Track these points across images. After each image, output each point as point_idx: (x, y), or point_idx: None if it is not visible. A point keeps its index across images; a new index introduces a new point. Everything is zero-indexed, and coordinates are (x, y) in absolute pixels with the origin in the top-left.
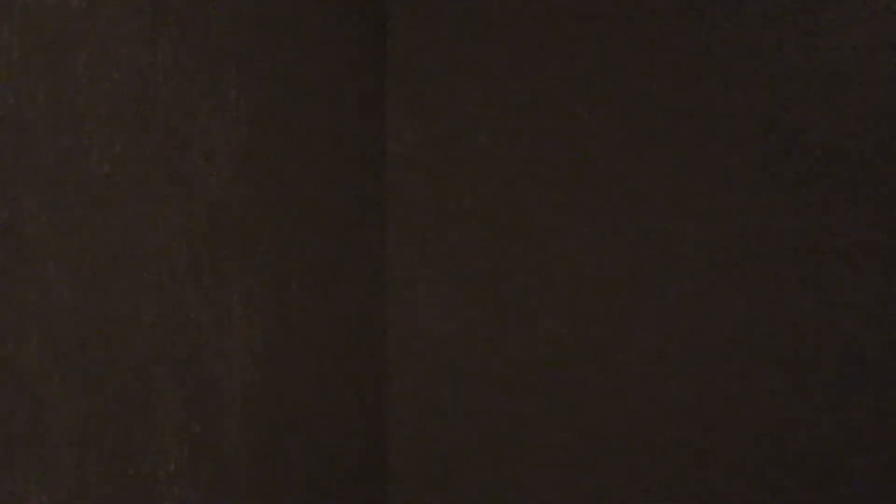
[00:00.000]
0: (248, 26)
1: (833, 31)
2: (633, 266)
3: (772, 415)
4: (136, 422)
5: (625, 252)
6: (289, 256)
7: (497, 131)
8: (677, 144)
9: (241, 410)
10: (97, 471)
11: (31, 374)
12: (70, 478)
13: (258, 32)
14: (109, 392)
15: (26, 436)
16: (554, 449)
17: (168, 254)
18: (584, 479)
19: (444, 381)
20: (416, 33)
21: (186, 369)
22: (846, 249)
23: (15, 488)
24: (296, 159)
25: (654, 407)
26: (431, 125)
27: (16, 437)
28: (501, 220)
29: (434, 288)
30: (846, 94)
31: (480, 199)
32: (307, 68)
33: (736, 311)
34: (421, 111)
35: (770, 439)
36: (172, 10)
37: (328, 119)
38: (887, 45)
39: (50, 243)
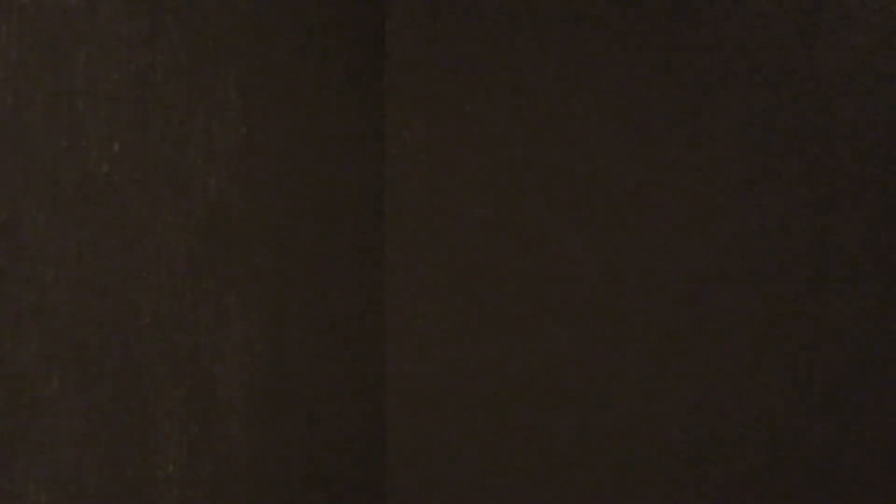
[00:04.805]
0: (247, 26)
1: (833, 31)
2: (632, 266)
3: (771, 415)
4: (134, 422)
5: (624, 252)
6: (288, 256)
7: (497, 131)
8: (677, 144)
9: (241, 410)
10: (96, 471)
11: (30, 374)
12: (69, 478)
13: (257, 32)
14: (108, 392)
15: (25, 436)
16: (553, 450)
17: (167, 253)
18: (583, 479)
19: (443, 381)
20: (416, 33)
21: (185, 369)
22: (846, 249)
23: (14, 488)
24: (295, 159)
25: (654, 408)
26: (431, 125)
27: (15, 437)
28: (501, 220)
29: (433, 288)
30: (846, 94)
31: (480, 200)
32: (306, 68)
33: (735, 311)
34: (421, 111)
35: (770, 440)
36: (171, 11)
37: (327, 119)
38: (887, 45)
39: (49, 243)
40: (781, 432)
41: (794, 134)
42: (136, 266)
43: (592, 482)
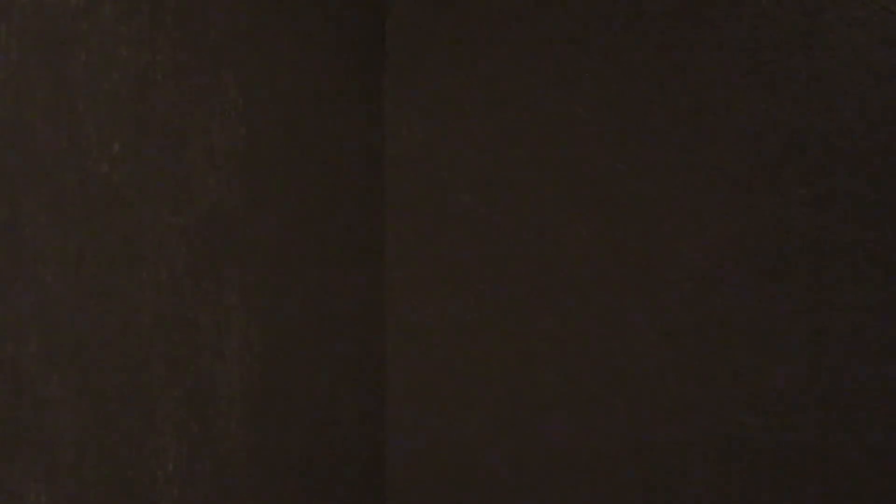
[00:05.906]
0: (247, 26)
1: (833, 31)
2: (632, 265)
3: (771, 414)
4: (134, 422)
5: (624, 251)
6: (288, 256)
7: (497, 131)
8: (677, 144)
9: (240, 410)
10: (96, 470)
11: (30, 374)
12: (69, 478)
13: (257, 32)
14: (108, 392)
15: (26, 436)
16: (554, 449)
17: (167, 253)
18: (582, 478)
19: (443, 380)
20: (416, 33)
21: (185, 369)
22: (846, 249)
23: (14, 487)
24: (295, 159)
25: (653, 406)
26: (431, 125)
27: (15, 437)
28: (501, 219)
29: (434, 287)
30: (846, 94)
31: (480, 199)
32: (306, 68)
33: (735, 311)
34: (421, 111)
35: (769, 439)
36: (171, 10)
37: (327, 119)
38: (887, 45)
39: (49, 243)
40: (780, 432)
41: (794, 134)
42: (135, 266)
43: (593, 481)
